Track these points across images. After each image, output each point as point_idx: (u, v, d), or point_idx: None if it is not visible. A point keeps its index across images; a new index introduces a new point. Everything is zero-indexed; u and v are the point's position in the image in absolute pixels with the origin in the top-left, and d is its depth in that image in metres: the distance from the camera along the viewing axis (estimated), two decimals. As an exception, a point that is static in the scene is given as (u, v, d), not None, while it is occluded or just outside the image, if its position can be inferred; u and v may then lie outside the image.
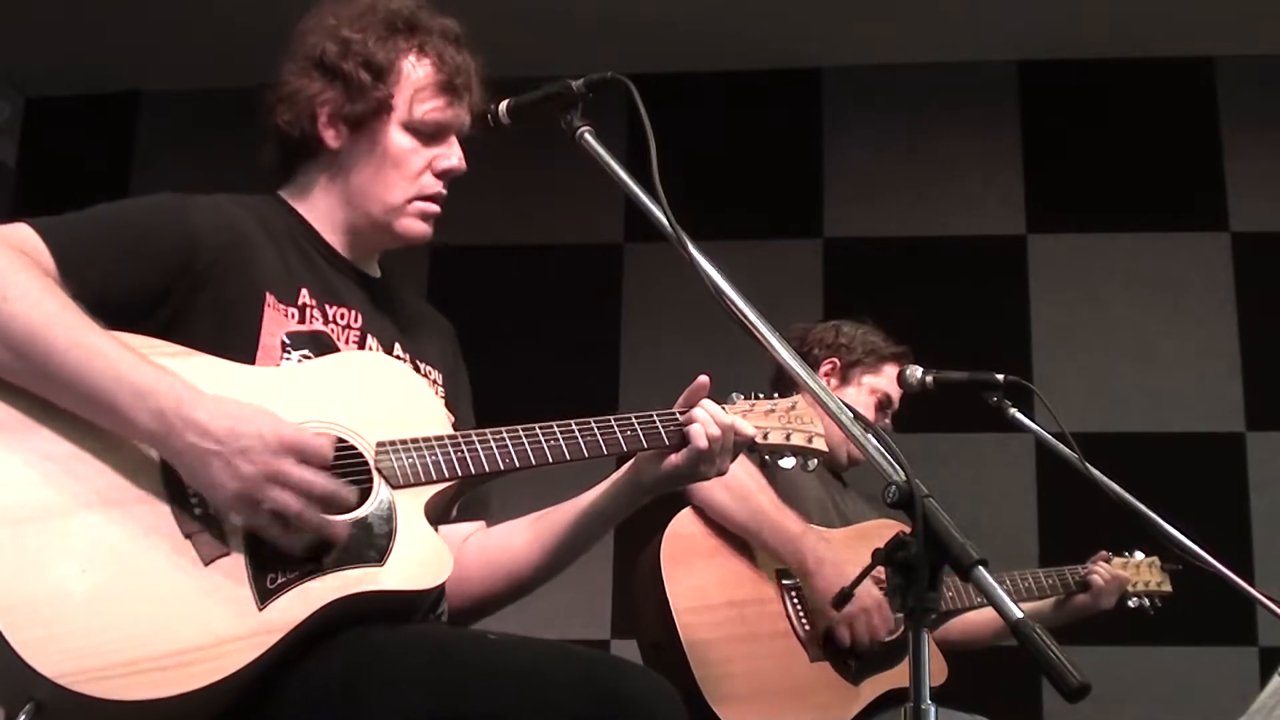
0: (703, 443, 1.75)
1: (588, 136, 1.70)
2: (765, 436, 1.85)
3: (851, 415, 1.46)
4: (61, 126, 4.87)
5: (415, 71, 1.82)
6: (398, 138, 1.81)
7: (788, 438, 1.87)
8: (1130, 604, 3.07)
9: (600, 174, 1.68)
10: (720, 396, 1.83)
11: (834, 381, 3.02)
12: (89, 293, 1.52)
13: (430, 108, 1.82)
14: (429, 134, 1.83)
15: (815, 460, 1.89)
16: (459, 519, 1.85)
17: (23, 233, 1.55)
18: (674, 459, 1.78)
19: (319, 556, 1.49)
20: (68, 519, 1.39)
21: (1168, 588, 3.11)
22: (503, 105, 1.81)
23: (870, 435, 1.44)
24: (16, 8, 4.26)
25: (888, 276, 4.42)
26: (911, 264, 4.49)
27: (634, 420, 1.76)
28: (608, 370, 4.54)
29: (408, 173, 1.82)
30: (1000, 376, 2.86)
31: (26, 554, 1.35)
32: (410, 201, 1.83)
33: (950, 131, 4.59)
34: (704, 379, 1.82)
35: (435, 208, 1.86)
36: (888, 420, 3.06)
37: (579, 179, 1.93)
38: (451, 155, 1.85)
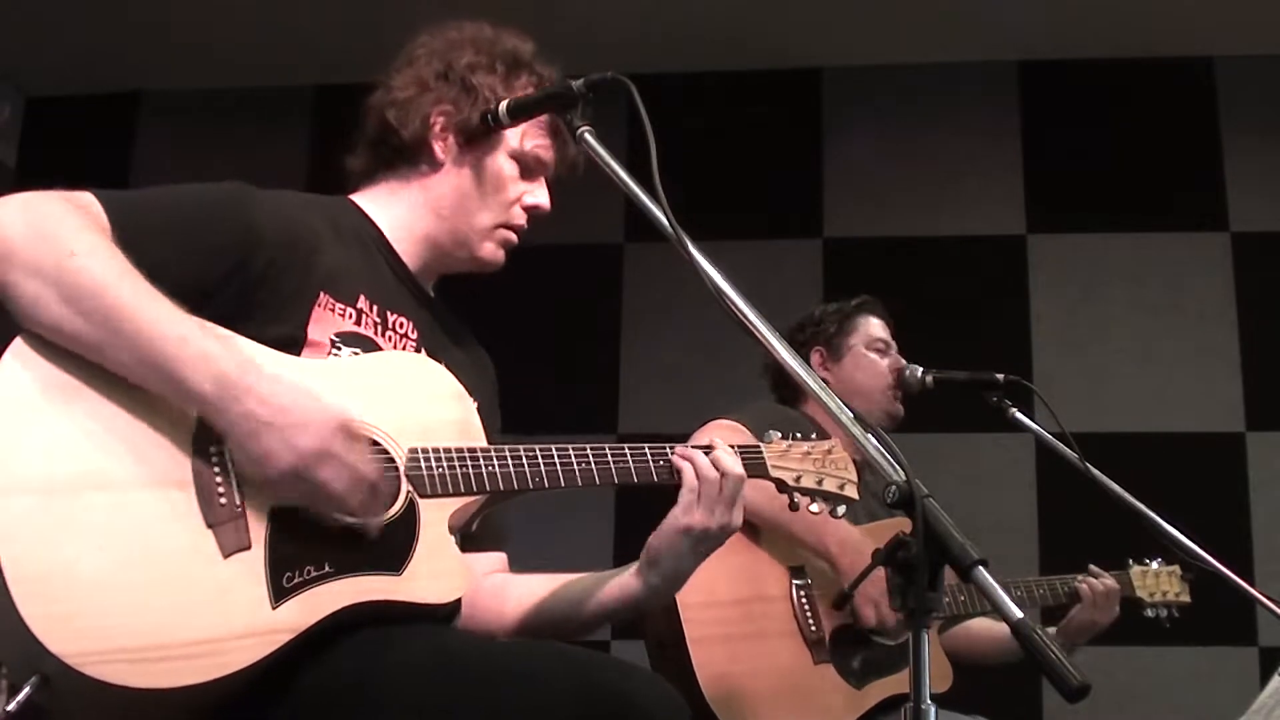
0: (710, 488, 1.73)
1: (588, 136, 1.70)
2: (798, 480, 1.86)
3: (851, 415, 1.46)
4: (61, 126, 4.86)
5: None
6: (504, 162, 1.87)
7: (819, 483, 1.87)
8: (1148, 613, 3.01)
9: (600, 174, 1.68)
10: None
11: (830, 363, 3.05)
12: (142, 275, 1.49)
13: (538, 144, 1.89)
14: (527, 168, 1.89)
15: (844, 506, 1.89)
16: (478, 547, 1.83)
17: (87, 199, 1.53)
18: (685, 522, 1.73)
19: (342, 548, 1.49)
20: (94, 495, 1.38)
21: (1186, 598, 3.04)
22: (502, 105, 1.82)
23: (870, 435, 1.44)
24: (16, 8, 4.26)
25: (888, 276, 4.40)
26: (911, 264, 4.49)
27: (668, 450, 1.76)
28: (608, 370, 4.53)
29: (505, 198, 1.88)
30: (1000, 376, 2.86)
31: (50, 527, 1.34)
32: (497, 227, 1.88)
33: (950, 131, 4.59)
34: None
35: (515, 239, 1.91)
36: (896, 355, 3.05)
37: (579, 179, 1.93)
38: (542, 195, 1.91)
